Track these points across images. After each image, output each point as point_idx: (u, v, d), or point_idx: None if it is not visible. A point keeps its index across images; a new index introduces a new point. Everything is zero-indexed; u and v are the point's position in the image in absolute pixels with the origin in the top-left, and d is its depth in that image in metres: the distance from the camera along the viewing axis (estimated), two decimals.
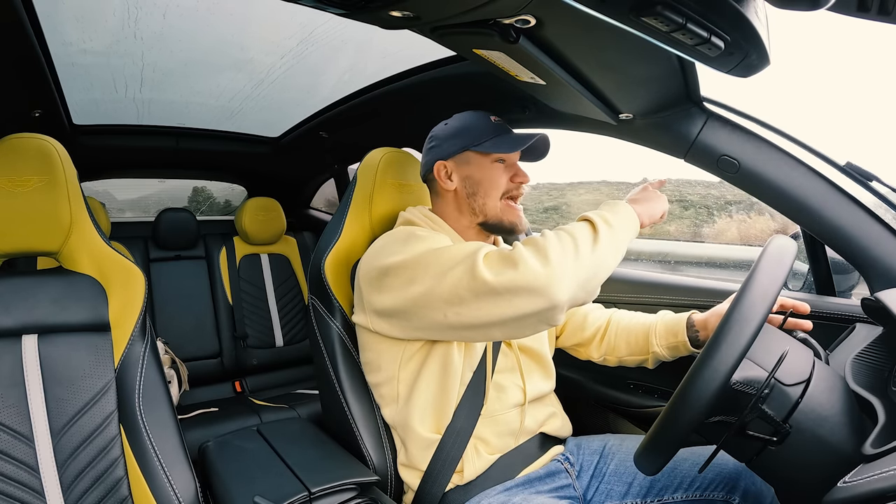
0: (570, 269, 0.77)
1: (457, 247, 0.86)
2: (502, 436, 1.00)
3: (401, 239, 0.92)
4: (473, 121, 1.05)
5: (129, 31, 1.19)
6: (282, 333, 2.34)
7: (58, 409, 0.89)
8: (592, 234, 0.84)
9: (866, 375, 0.77)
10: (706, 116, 1.05)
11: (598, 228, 0.84)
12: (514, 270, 0.77)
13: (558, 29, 0.74)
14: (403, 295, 0.87)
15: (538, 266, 0.76)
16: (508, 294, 0.76)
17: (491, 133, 1.03)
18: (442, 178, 1.05)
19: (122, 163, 2.31)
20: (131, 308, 0.99)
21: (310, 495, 0.86)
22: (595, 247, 0.82)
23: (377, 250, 0.95)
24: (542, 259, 0.77)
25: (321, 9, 0.69)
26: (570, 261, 0.78)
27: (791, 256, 0.73)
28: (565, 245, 0.80)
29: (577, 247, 0.80)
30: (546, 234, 0.82)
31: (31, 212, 0.93)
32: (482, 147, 1.02)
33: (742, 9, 0.60)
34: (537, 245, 0.80)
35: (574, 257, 0.79)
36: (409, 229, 0.96)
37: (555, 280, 0.75)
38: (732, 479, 0.92)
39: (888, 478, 0.53)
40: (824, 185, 0.99)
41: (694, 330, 1.02)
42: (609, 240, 0.84)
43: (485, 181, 1.03)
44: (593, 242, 0.83)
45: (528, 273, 0.76)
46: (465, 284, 0.80)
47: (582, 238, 0.82)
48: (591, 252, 0.81)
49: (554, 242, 0.80)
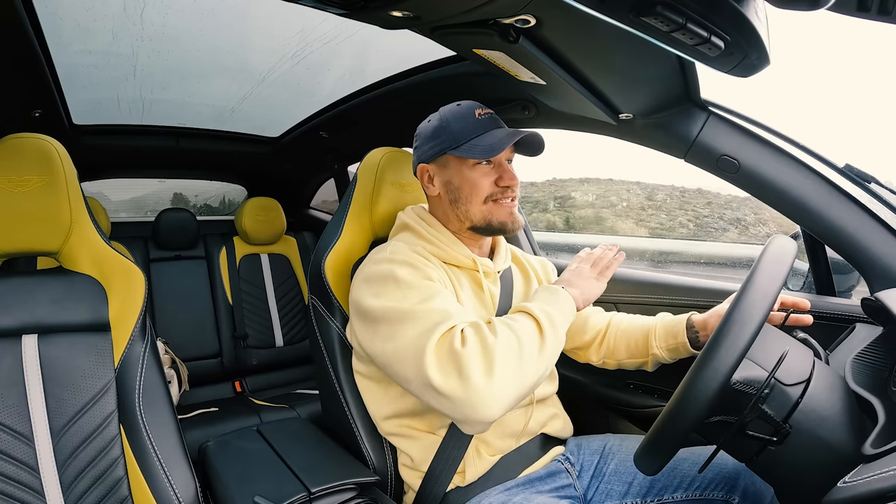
0: (512, 384, 0.76)
1: (417, 316, 0.82)
2: (504, 437, 1.00)
3: (378, 280, 0.89)
4: (455, 118, 0.97)
5: (129, 32, 1.19)
6: (282, 333, 2.34)
7: (58, 409, 0.89)
8: (539, 338, 0.81)
9: (866, 375, 0.77)
10: (706, 116, 1.05)
11: (544, 330, 0.82)
12: (458, 379, 0.75)
13: (558, 29, 0.74)
14: (370, 344, 0.88)
15: (481, 380, 0.74)
16: (446, 398, 0.76)
17: (472, 132, 0.95)
18: (425, 183, 1.02)
19: (122, 163, 2.32)
20: (131, 308, 0.99)
21: (310, 495, 0.86)
22: (541, 351, 0.80)
23: (362, 279, 0.93)
24: (487, 370, 0.75)
25: (321, 9, 0.69)
26: (514, 373, 0.76)
27: (791, 256, 0.73)
28: (511, 352, 0.77)
29: (522, 354, 0.78)
30: (497, 333, 0.79)
31: (31, 212, 0.93)
32: (459, 151, 0.95)
33: (742, 9, 0.60)
34: (486, 349, 0.76)
35: (518, 367, 0.77)
36: (388, 269, 0.89)
37: (493, 400, 0.74)
38: (732, 479, 0.92)
39: (888, 478, 0.53)
40: (824, 185, 0.99)
41: (693, 331, 1.01)
42: (553, 341, 0.83)
43: (465, 187, 0.97)
44: (540, 347, 0.81)
45: (469, 387, 0.74)
46: (412, 370, 0.80)
47: (528, 342, 0.80)
48: (537, 358, 0.79)
49: (502, 349, 0.77)
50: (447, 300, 0.86)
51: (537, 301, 0.88)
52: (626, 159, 3.03)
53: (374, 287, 0.89)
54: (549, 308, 0.86)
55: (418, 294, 0.85)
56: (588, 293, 0.94)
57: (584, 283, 0.95)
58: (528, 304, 0.87)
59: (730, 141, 1.04)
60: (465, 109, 0.98)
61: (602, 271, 0.99)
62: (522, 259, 1.18)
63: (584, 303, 0.93)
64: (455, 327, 0.80)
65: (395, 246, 0.96)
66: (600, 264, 1.00)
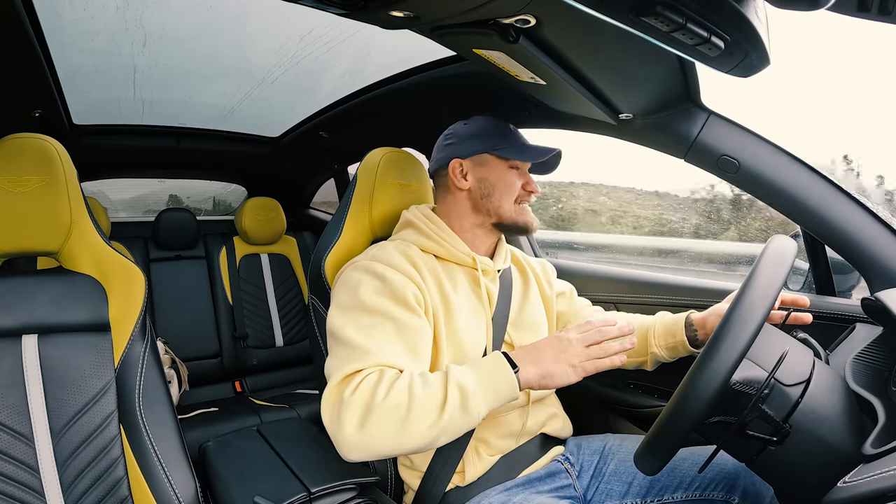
0: (381, 444, 0.77)
1: (345, 343, 0.85)
2: (503, 437, 1.00)
3: (345, 289, 0.92)
4: (494, 126, 1.06)
5: (128, 31, 1.19)
6: (282, 333, 2.34)
7: (58, 409, 0.89)
8: (436, 413, 0.78)
9: (866, 375, 0.77)
10: (706, 116, 1.05)
11: (447, 408, 0.78)
12: (334, 421, 0.80)
13: (558, 29, 0.74)
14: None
15: (350, 430, 0.77)
16: (325, 425, 0.82)
17: (509, 141, 1.04)
18: (456, 176, 1.05)
19: (122, 163, 2.32)
20: (131, 308, 0.99)
21: (310, 495, 0.86)
22: (433, 425, 0.77)
23: (339, 282, 0.96)
24: (360, 424, 0.77)
25: (321, 9, 0.69)
26: (387, 435, 0.77)
27: (791, 256, 0.73)
28: (394, 415, 0.76)
29: (406, 421, 0.76)
30: (392, 392, 0.78)
31: (31, 212, 0.92)
32: (501, 152, 1.03)
33: (742, 9, 0.60)
34: (369, 405, 0.77)
35: (395, 432, 0.77)
36: (357, 281, 0.91)
37: (355, 449, 0.78)
38: (732, 479, 0.92)
39: (888, 478, 0.53)
40: (824, 185, 0.99)
41: (692, 329, 1.02)
42: (457, 419, 0.78)
43: (500, 184, 1.03)
44: (433, 421, 0.77)
45: (339, 431, 0.79)
46: (332, 393, 0.83)
47: (419, 412, 0.77)
48: (423, 431, 0.77)
49: (386, 409, 0.77)
50: (381, 336, 0.86)
51: (473, 372, 0.82)
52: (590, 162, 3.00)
53: (339, 295, 0.93)
54: (473, 385, 0.80)
55: (360, 321, 0.87)
56: (550, 380, 0.82)
57: (553, 365, 0.82)
58: (456, 372, 0.82)
59: (730, 141, 1.04)
60: (500, 122, 1.07)
61: (590, 357, 0.82)
62: (522, 260, 1.18)
63: (538, 387, 0.83)
64: (360, 372, 0.82)
65: (382, 250, 0.97)
66: (591, 343, 0.83)
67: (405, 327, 0.88)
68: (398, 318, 0.88)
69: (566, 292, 1.23)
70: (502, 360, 0.83)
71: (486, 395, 0.80)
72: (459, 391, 0.79)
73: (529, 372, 0.82)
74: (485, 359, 0.85)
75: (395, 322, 0.87)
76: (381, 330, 0.86)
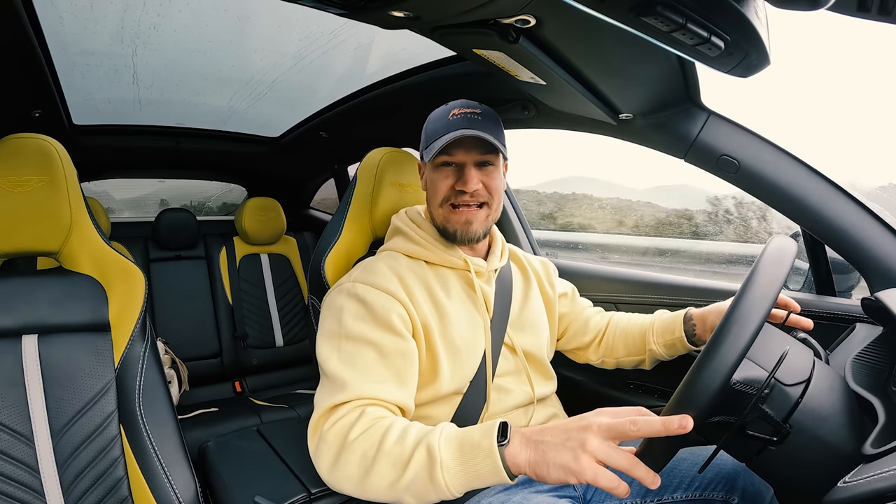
0: (346, 489, 0.77)
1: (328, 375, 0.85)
2: None
3: (329, 314, 0.91)
4: (432, 119, 0.98)
5: (128, 31, 1.19)
6: (282, 333, 2.34)
7: (58, 409, 0.89)
8: (399, 472, 0.70)
9: (866, 375, 0.77)
10: (706, 116, 1.05)
11: (408, 472, 0.69)
12: (316, 452, 0.81)
13: (558, 29, 0.74)
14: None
15: (324, 468, 0.79)
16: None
17: (439, 132, 0.93)
18: (422, 179, 1.03)
19: (122, 163, 2.32)
20: (131, 308, 0.99)
21: (309, 495, 0.86)
22: (392, 484, 0.71)
23: (324, 305, 0.94)
24: (332, 463, 0.77)
25: (321, 9, 0.69)
26: (352, 483, 0.75)
27: (791, 256, 0.73)
28: (362, 465, 0.74)
29: (369, 473, 0.73)
30: (363, 437, 0.75)
31: (31, 212, 0.93)
32: (425, 152, 0.97)
33: (742, 9, 0.60)
34: (343, 444, 0.76)
35: (357, 482, 0.75)
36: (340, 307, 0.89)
37: (329, 485, 0.79)
38: (731, 479, 0.92)
39: (888, 478, 0.53)
40: (824, 185, 0.99)
41: (691, 324, 1.01)
42: (414, 486, 0.70)
43: (429, 187, 0.99)
44: (395, 480, 0.71)
45: (317, 465, 0.80)
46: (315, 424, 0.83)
47: (384, 469, 0.72)
48: (383, 488, 0.72)
49: (356, 456, 0.74)
50: (364, 364, 0.84)
51: (458, 438, 0.69)
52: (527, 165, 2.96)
53: (324, 321, 0.91)
54: (448, 453, 0.68)
55: (343, 349, 0.86)
56: (549, 472, 0.63)
57: (559, 454, 0.62)
58: (438, 433, 0.71)
59: (730, 141, 1.04)
60: (444, 109, 0.97)
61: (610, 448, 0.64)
62: (522, 259, 1.18)
63: (532, 475, 0.65)
64: (342, 406, 0.81)
65: (366, 270, 0.94)
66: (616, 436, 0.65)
67: (389, 353, 0.86)
68: (382, 345, 0.86)
69: (568, 294, 1.23)
70: (491, 429, 0.67)
71: (462, 468, 0.67)
72: (428, 454, 0.69)
73: (518, 459, 0.65)
74: (477, 426, 0.70)
75: (379, 348, 0.85)
76: (364, 358, 0.85)
